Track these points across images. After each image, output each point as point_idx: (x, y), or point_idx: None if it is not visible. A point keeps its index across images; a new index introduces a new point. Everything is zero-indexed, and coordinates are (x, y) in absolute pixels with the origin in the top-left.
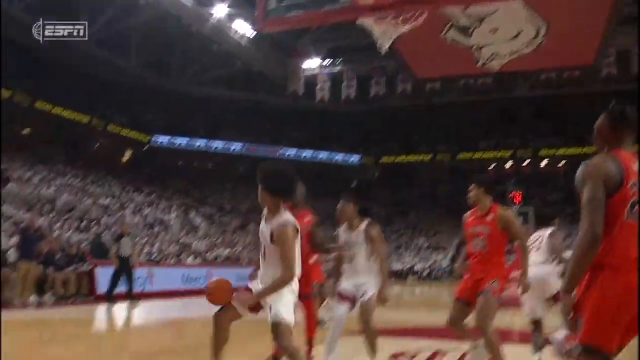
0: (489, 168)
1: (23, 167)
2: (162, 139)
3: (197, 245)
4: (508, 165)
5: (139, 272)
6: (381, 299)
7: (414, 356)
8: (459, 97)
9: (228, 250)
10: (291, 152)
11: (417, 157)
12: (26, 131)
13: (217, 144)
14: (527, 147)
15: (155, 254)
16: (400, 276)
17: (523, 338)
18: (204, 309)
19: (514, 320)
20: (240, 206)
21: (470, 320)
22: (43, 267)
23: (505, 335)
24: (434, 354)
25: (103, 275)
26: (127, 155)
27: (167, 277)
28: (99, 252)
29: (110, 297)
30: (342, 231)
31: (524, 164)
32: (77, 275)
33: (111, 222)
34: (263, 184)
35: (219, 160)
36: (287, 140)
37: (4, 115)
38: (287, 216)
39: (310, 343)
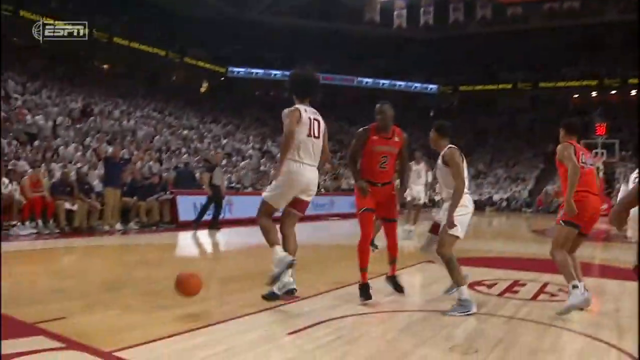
0: (573, 97)
1: (104, 102)
2: (239, 70)
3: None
4: (593, 94)
5: None
6: (448, 223)
7: (492, 285)
8: (542, 22)
9: None
10: (368, 80)
11: (496, 86)
12: (106, 66)
13: None
14: (615, 75)
15: (234, 183)
16: (477, 207)
17: (603, 272)
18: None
19: (595, 253)
20: None
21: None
22: (128, 196)
23: (585, 269)
24: (513, 284)
25: (184, 204)
26: (204, 86)
27: (245, 205)
28: (186, 181)
29: (197, 224)
30: None
31: (611, 93)
32: (160, 204)
33: (190, 152)
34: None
35: None
36: (364, 69)
37: (83, 51)
38: (298, 105)
39: (393, 261)
